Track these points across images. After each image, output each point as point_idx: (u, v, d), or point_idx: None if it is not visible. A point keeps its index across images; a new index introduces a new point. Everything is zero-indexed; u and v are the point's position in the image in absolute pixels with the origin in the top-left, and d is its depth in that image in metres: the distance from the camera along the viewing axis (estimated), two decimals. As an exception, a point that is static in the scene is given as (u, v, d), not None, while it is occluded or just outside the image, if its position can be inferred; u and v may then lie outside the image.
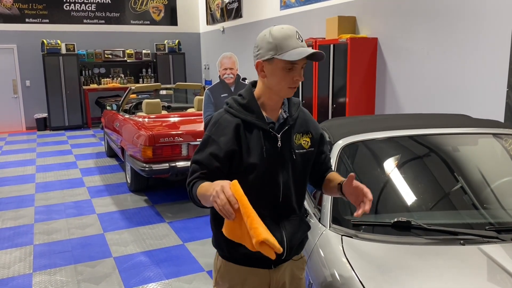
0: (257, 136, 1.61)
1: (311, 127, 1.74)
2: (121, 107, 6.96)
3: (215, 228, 1.70)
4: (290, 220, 1.68)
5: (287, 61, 1.53)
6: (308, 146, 1.71)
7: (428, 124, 2.66)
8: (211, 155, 1.59)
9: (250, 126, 1.62)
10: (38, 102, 10.92)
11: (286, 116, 1.67)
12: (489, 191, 2.27)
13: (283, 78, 1.56)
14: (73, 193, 5.74)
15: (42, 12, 10.79)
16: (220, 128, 1.62)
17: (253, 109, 1.63)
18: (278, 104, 1.66)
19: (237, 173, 1.61)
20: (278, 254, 1.64)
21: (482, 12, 4.32)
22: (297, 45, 1.53)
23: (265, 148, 1.61)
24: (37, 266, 3.71)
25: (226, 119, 1.63)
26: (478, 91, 4.44)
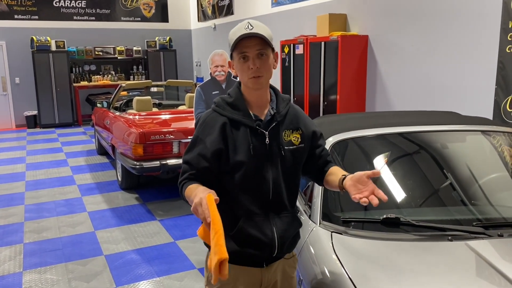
0: (244, 133, 1.61)
1: (301, 124, 1.73)
2: (111, 105, 6.92)
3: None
4: (281, 217, 1.68)
5: (238, 51, 1.56)
6: (298, 142, 1.70)
7: (417, 121, 2.68)
8: (199, 155, 1.60)
9: (237, 124, 1.62)
10: (27, 100, 10.82)
11: (273, 112, 1.66)
12: (477, 188, 2.30)
13: (241, 70, 1.58)
14: (64, 191, 5.71)
15: (31, 9, 10.68)
16: (207, 128, 1.63)
17: (239, 107, 1.63)
18: (262, 101, 1.67)
19: (225, 172, 1.62)
20: (269, 252, 1.65)
21: (471, 10, 4.36)
22: (241, 32, 1.55)
23: (252, 146, 1.61)
24: (27, 265, 3.69)
25: (213, 118, 1.64)
26: (467, 89, 4.49)
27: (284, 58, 6.81)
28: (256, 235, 1.63)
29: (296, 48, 6.45)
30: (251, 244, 1.64)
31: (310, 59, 6.15)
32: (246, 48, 1.55)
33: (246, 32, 1.54)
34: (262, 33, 1.55)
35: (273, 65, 1.64)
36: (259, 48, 1.56)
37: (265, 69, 1.58)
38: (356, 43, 5.71)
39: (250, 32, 1.53)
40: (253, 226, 1.63)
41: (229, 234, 1.62)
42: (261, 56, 1.57)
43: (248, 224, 1.63)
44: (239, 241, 1.64)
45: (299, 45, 6.36)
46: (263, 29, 1.58)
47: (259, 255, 1.66)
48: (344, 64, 5.62)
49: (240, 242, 1.64)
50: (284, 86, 6.93)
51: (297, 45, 6.43)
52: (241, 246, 1.64)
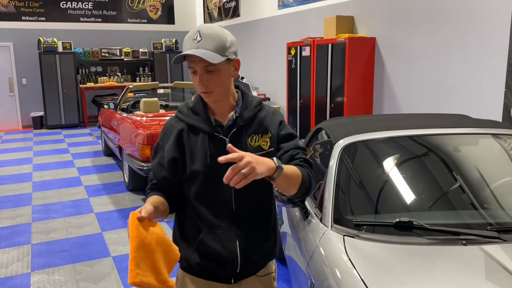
0: (202, 140, 1.51)
1: (271, 126, 1.57)
2: (118, 106, 6.93)
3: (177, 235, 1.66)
4: (249, 231, 1.56)
5: (187, 65, 1.46)
6: (268, 147, 1.55)
7: (428, 124, 2.67)
8: (158, 164, 1.56)
9: (195, 130, 1.53)
10: (34, 101, 10.87)
11: (235, 117, 1.54)
12: (489, 191, 2.28)
13: (194, 83, 1.48)
14: (71, 192, 5.72)
15: (38, 10, 10.74)
16: (166, 135, 1.57)
17: (199, 112, 1.54)
18: (224, 107, 1.54)
19: (184, 181, 1.55)
20: (231, 268, 1.55)
21: (480, 12, 4.34)
22: (190, 47, 1.42)
23: (210, 153, 1.49)
24: (35, 266, 3.70)
25: (172, 125, 1.57)
26: (476, 92, 4.46)
27: (291, 60, 6.81)
28: (216, 248, 1.53)
29: (303, 50, 6.45)
30: (212, 258, 1.55)
31: (317, 61, 6.14)
32: (192, 63, 1.42)
33: (193, 45, 1.41)
34: (208, 48, 1.39)
35: (231, 75, 1.49)
36: (205, 65, 1.40)
37: (216, 84, 1.44)
38: (364, 45, 5.70)
39: (194, 49, 1.39)
40: (213, 239, 1.53)
41: (193, 246, 1.57)
42: (210, 72, 1.42)
43: (208, 236, 1.54)
44: (201, 254, 1.55)
45: (306, 47, 6.36)
46: (213, 40, 1.41)
47: (221, 270, 1.57)
48: (352, 66, 5.61)
49: (202, 255, 1.55)
50: (291, 88, 6.92)
51: (303, 47, 6.42)
52: (203, 259, 1.56)
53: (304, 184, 1.49)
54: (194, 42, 1.41)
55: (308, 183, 1.52)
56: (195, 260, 1.56)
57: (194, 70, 1.44)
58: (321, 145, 3.02)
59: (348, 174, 2.36)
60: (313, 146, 3.15)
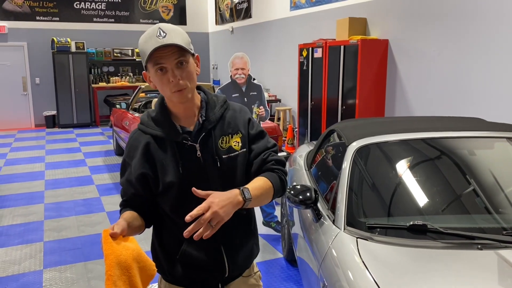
0: (171, 150, 1.44)
1: (240, 125, 1.52)
2: (130, 106, 6.98)
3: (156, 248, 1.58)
4: (230, 234, 1.50)
5: (153, 62, 1.36)
6: (240, 147, 1.50)
7: (442, 127, 2.65)
8: (127, 181, 1.49)
9: (161, 141, 1.45)
10: (47, 100, 10.99)
11: (202, 120, 1.48)
12: (503, 196, 2.26)
13: (161, 83, 1.38)
14: (82, 190, 5.77)
15: (52, 10, 10.86)
16: (132, 150, 1.48)
17: (162, 121, 1.45)
18: (190, 111, 1.47)
19: (158, 194, 1.48)
20: (220, 274, 1.52)
21: (495, 12, 4.30)
22: (155, 43, 1.34)
23: (181, 163, 1.43)
24: (48, 263, 3.73)
25: (136, 138, 1.48)
26: (491, 95, 4.41)
27: (302, 62, 6.80)
28: (202, 258, 1.49)
29: (315, 52, 6.43)
30: (199, 268, 1.51)
31: (329, 63, 6.12)
32: (162, 59, 1.35)
33: (159, 41, 1.33)
34: (178, 41, 1.35)
35: (196, 71, 1.45)
36: (178, 57, 1.36)
37: (188, 78, 1.39)
38: (376, 47, 5.67)
39: (164, 42, 1.33)
40: (197, 249, 1.48)
41: (175, 258, 1.51)
42: (181, 65, 1.37)
43: (192, 247, 1.48)
44: (186, 265, 1.50)
45: (318, 48, 6.34)
46: (178, 35, 1.38)
47: (210, 278, 1.54)
48: (364, 68, 5.58)
49: (187, 266, 1.50)
50: (302, 89, 6.91)
51: (315, 48, 6.41)
52: (188, 270, 1.51)
53: (276, 192, 1.50)
54: (159, 38, 1.34)
55: (281, 189, 1.52)
56: (180, 272, 1.51)
57: (162, 68, 1.36)
58: (333, 147, 3.01)
59: (361, 176, 2.34)
60: (326, 147, 3.14)
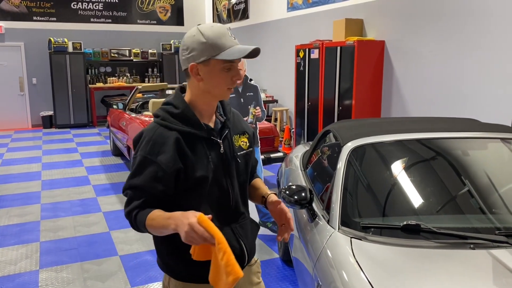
0: (200, 146, 1.49)
1: (246, 127, 1.68)
2: (127, 106, 6.98)
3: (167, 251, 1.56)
4: (241, 224, 1.60)
5: (225, 61, 1.42)
6: (247, 146, 1.64)
7: (436, 127, 2.66)
8: (152, 179, 1.42)
9: (190, 138, 1.48)
10: (44, 100, 10.97)
11: (223, 119, 1.58)
12: (497, 196, 2.27)
13: (222, 80, 1.45)
14: (79, 191, 5.77)
15: (49, 11, 10.85)
16: (157, 146, 1.44)
17: (189, 118, 1.48)
18: (214, 108, 1.57)
19: (186, 189, 1.48)
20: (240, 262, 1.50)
21: (491, 14, 4.32)
22: (233, 43, 1.44)
23: (211, 158, 1.50)
24: (44, 263, 3.73)
25: (162, 134, 1.46)
26: (486, 96, 4.44)
27: (299, 63, 6.81)
28: None
29: (311, 53, 6.45)
30: None
31: (326, 63, 6.14)
32: (236, 59, 1.45)
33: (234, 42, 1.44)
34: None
35: None
36: (240, 61, 1.48)
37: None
38: (373, 48, 5.70)
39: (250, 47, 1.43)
40: None
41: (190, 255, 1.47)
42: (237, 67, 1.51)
43: None
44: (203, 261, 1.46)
45: (315, 49, 6.36)
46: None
47: None
48: (360, 69, 5.61)
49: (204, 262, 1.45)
50: (299, 90, 6.93)
51: (312, 49, 6.43)
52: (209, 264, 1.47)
53: None
54: (233, 38, 1.46)
55: None
56: (199, 267, 1.46)
57: (231, 66, 1.45)
58: (329, 147, 3.02)
59: (356, 177, 2.36)
60: (321, 148, 3.15)
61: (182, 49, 1.48)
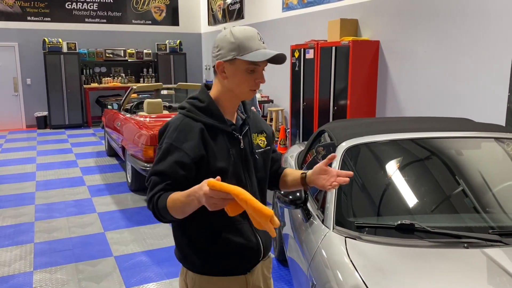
0: (222, 139, 1.56)
1: (264, 126, 1.75)
2: (122, 106, 6.96)
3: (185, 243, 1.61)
4: None
5: (250, 62, 1.49)
6: (265, 145, 1.71)
7: (430, 127, 2.67)
8: (176, 164, 1.48)
9: (213, 130, 1.55)
10: (38, 100, 10.92)
11: (244, 117, 1.66)
12: (491, 195, 2.29)
13: (245, 80, 1.52)
14: (74, 191, 5.74)
15: (43, 11, 10.80)
16: (183, 134, 1.51)
17: (213, 112, 1.56)
18: (236, 106, 1.63)
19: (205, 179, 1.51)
20: (255, 256, 1.62)
21: (484, 16, 4.34)
22: (260, 46, 1.51)
23: (231, 151, 1.57)
24: (38, 264, 3.71)
25: (188, 123, 1.54)
26: (480, 95, 4.46)
27: (294, 63, 6.82)
28: (243, 243, 1.57)
29: (307, 53, 6.46)
30: (238, 254, 1.58)
31: (321, 63, 6.15)
32: (263, 63, 1.52)
33: (264, 46, 1.52)
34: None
35: None
36: (266, 65, 1.54)
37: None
38: (367, 48, 5.71)
39: (280, 53, 1.50)
40: (238, 234, 1.57)
41: (210, 248, 1.56)
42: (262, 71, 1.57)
43: (232, 233, 1.56)
44: (224, 253, 1.57)
45: (310, 49, 6.36)
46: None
47: (246, 263, 1.62)
48: (355, 69, 5.61)
49: (225, 254, 1.57)
50: (294, 90, 6.93)
51: (307, 49, 6.43)
52: (226, 258, 1.58)
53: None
54: (261, 43, 1.52)
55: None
56: (217, 261, 1.56)
57: (255, 68, 1.51)
58: (324, 147, 3.02)
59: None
60: (316, 148, 3.16)
61: (213, 47, 1.56)
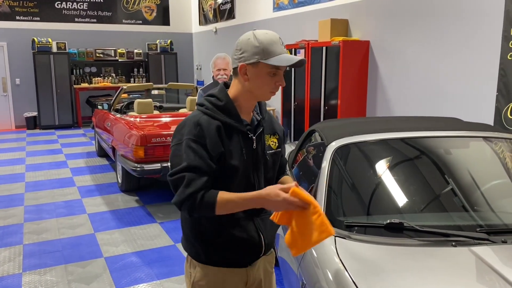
0: (236, 139, 1.62)
1: (277, 128, 1.79)
2: (112, 107, 6.92)
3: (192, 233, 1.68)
4: (263, 218, 1.70)
5: (272, 66, 1.55)
6: (276, 146, 1.75)
7: (420, 126, 2.69)
8: (206, 158, 1.53)
9: (229, 129, 1.61)
10: (28, 101, 10.81)
11: (259, 118, 1.70)
12: (479, 194, 2.31)
13: (266, 83, 1.58)
14: (63, 192, 5.70)
15: (33, 10, 10.70)
16: (203, 130, 1.56)
17: (231, 111, 1.62)
18: (253, 107, 1.69)
19: (219, 176, 1.59)
20: (255, 253, 1.69)
21: (473, 17, 4.38)
22: (282, 51, 1.57)
23: (245, 150, 1.62)
24: (27, 266, 3.68)
25: (207, 121, 1.58)
26: (468, 95, 4.50)
27: (285, 63, 6.82)
28: (246, 238, 1.65)
29: (298, 53, 6.47)
30: (240, 248, 1.66)
31: (311, 63, 6.16)
32: (282, 66, 1.57)
33: (285, 51, 1.58)
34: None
35: None
36: (286, 68, 1.60)
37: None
38: (358, 48, 5.73)
39: (298, 57, 1.56)
40: (240, 230, 1.64)
41: (215, 240, 1.64)
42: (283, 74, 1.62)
43: (236, 229, 1.64)
44: (228, 246, 1.65)
45: (301, 49, 6.38)
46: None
47: (247, 256, 1.70)
48: (346, 69, 5.63)
49: (229, 247, 1.65)
50: (285, 90, 6.94)
51: (298, 49, 6.44)
52: (229, 251, 1.65)
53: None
54: (283, 47, 1.58)
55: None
56: (220, 253, 1.64)
57: (276, 72, 1.57)
58: (314, 147, 3.03)
59: (340, 176, 2.37)
60: (306, 148, 3.16)
61: (235, 49, 1.61)
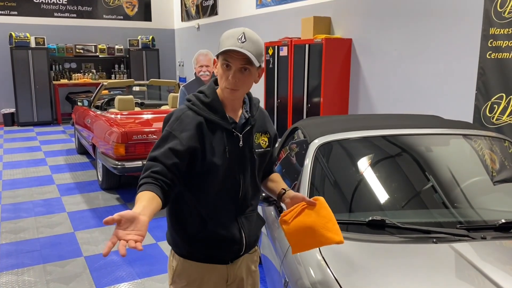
0: (220, 136, 1.60)
1: (269, 127, 1.78)
2: (92, 103, 6.81)
3: (174, 227, 1.71)
4: (247, 216, 1.70)
5: (223, 57, 1.54)
6: (266, 145, 1.74)
7: (401, 124, 2.71)
8: (170, 150, 1.52)
9: (213, 126, 1.59)
10: (5, 97, 10.56)
11: (248, 116, 1.68)
12: (459, 191, 2.33)
13: (221, 76, 1.56)
14: (42, 190, 5.59)
15: (10, 4, 10.44)
16: (182, 124, 1.57)
17: (216, 108, 1.61)
18: (238, 104, 1.66)
19: (198, 173, 1.59)
20: (236, 251, 1.70)
21: (453, 16, 4.44)
22: (234, 44, 1.51)
23: (228, 149, 1.60)
24: (4, 266, 3.59)
25: (189, 115, 1.59)
26: (448, 93, 4.56)
27: (268, 60, 6.81)
28: (226, 235, 1.64)
29: (281, 50, 6.46)
30: (220, 245, 1.66)
31: (294, 61, 6.16)
32: (231, 58, 1.52)
33: (237, 44, 1.51)
34: (251, 51, 1.51)
35: (254, 80, 1.62)
36: (244, 64, 1.53)
37: (244, 84, 1.57)
38: (340, 46, 5.75)
39: (239, 48, 1.50)
40: (222, 227, 1.64)
41: (196, 235, 1.64)
42: (244, 71, 1.54)
43: (217, 226, 1.64)
44: (208, 243, 1.65)
45: (284, 47, 6.37)
46: (255, 45, 1.54)
47: (227, 254, 1.70)
48: (328, 67, 5.65)
49: (209, 244, 1.65)
50: (268, 87, 6.93)
51: (281, 47, 6.44)
52: (210, 248, 1.66)
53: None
54: (238, 41, 1.52)
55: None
56: (200, 248, 1.65)
57: (228, 65, 1.53)
58: (296, 144, 3.02)
59: (323, 173, 2.37)
60: (289, 145, 3.16)
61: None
